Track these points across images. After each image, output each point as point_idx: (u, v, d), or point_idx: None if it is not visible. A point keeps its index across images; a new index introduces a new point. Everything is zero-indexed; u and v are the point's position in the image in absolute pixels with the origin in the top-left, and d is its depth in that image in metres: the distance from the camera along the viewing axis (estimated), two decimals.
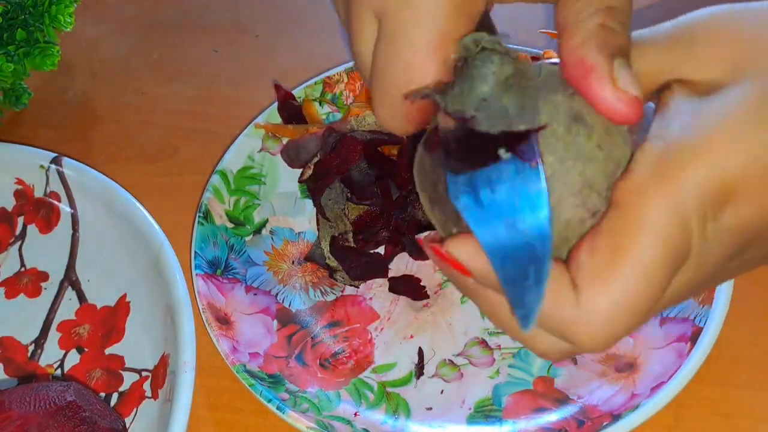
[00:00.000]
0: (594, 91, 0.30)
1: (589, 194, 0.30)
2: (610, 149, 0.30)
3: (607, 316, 0.29)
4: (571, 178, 0.30)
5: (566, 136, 0.30)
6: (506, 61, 0.31)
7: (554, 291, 0.29)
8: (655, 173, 0.29)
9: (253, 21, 0.71)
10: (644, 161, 0.29)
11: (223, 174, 0.56)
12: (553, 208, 0.29)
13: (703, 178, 0.28)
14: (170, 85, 0.67)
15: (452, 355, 0.50)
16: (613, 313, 0.29)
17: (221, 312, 0.50)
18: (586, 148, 0.30)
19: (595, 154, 0.30)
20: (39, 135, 0.63)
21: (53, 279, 0.54)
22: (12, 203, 0.57)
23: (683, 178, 0.28)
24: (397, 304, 0.52)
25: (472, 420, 0.47)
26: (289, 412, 0.45)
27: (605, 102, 0.30)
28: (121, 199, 0.54)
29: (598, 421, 0.45)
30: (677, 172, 0.28)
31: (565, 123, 0.30)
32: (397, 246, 0.53)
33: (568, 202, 0.30)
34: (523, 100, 0.30)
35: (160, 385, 0.47)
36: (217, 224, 0.54)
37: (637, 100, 0.30)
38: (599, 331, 0.29)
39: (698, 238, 0.29)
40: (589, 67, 0.30)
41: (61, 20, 0.59)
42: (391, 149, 0.55)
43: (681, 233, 0.29)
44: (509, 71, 0.31)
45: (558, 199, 0.30)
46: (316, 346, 0.50)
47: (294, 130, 0.57)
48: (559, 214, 0.30)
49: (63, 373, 0.51)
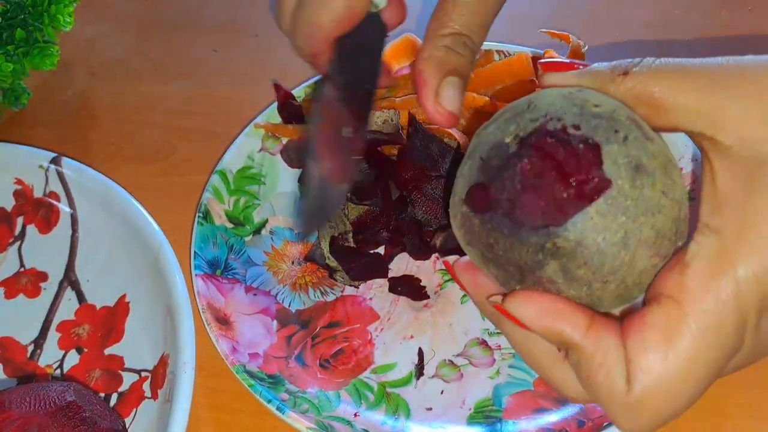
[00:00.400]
0: (421, 100, 0.38)
1: (662, 242, 0.30)
2: (672, 191, 0.30)
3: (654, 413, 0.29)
4: (645, 233, 0.30)
5: (633, 191, 0.30)
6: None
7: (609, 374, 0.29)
8: (712, 271, 0.29)
9: (252, 21, 0.71)
10: (701, 257, 0.29)
11: (223, 174, 0.56)
12: (629, 262, 0.30)
13: (762, 273, 0.28)
14: (170, 85, 0.67)
15: (452, 356, 0.50)
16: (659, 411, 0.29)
17: (221, 312, 0.50)
18: (653, 200, 0.30)
19: (662, 203, 0.30)
20: (38, 135, 0.63)
21: (52, 279, 0.54)
22: (11, 203, 0.57)
23: (741, 276, 0.28)
24: (397, 305, 0.52)
25: (472, 420, 0.47)
26: (288, 412, 0.45)
27: (427, 111, 0.38)
28: (121, 199, 0.54)
29: (598, 422, 0.45)
30: (735, 270, 0.28)
31: (629, 178, 0.30)
32: (397, 246, 0.53)
33: (644, 255, 0.30)
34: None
35: (159, 386, 0.47)
36: (216, 224, 0.54)
37: (451, 115, 0.37)
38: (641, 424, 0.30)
39: (752, 333, 0.29)
40: (423, 80, 0.38)
41: (60, 20, 0.59)
42: (391, 149, 0.55)
43: (736, 331, 0.29)
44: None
45: (633, 255, 0.30)
46: (315, 347, 0.50)
47: (294, 130, 0.57)
48: (634, 267, 0.30)
49: (62, 374, 0.51)
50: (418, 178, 0.52)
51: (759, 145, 0.29)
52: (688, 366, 0.29)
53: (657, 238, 0.30)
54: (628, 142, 0.30)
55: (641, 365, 0.29)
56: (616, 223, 0.29)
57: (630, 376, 0.29)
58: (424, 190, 0.52)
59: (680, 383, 0.29)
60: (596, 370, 0.30)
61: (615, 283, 0.30)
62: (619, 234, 0.29)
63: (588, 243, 0.30)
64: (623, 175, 0.30)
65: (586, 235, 0.29)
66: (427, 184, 0.52)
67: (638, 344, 0.29)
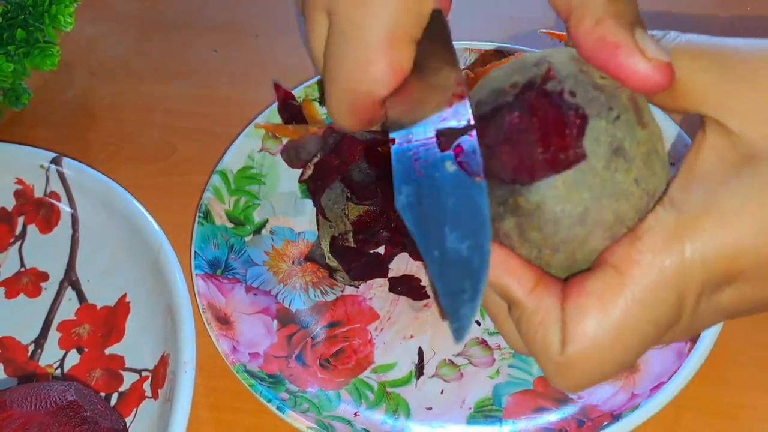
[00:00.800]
0: (626, 67, 0.29)
1: (620, 228, 0.30)
2: (646, 182, 0.30)
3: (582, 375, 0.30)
4: (605, 215, 0.30)
5: (605, 172, 0.30)
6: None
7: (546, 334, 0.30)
8: (663, 247, 0.29)
9: (253, 21, 0.71)
10: (654, 231, 0.29)
11: (223, 174, 0.56)
12: (582, 239, 0.30)
13: (712, 260, 0.28)
14: (170, 85, 0.67)
15: (452, 355, 0.50)
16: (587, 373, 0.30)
17: (221, 312, 0.50)
18: (623, 185, 0.30)
19: (631, 191, 0.30)
20: (39, 135, 0.63)
21: (53, 279, 0.54)
22: (12, 203, 0.57)
23: (690, 258, 0.28)
24: (397, 304, 0.52)
25: (472, 420, 0.47)
26: (289, 412, 0.45)
27: (639, 75, 0.29)
28: (121, 198, 0.54)
29: (598, 421, 0.45)
30: (683, 249, 0.28)
31: (606, 158, 0.30)
32: (397, 246, 0.53)
33: (598, 236, 0.30)
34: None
35: (160, 385, 0.47)
36: (217, 224, 0.54)
37: (669, 66, 0.29)
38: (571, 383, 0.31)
39: (689, 313, 0.29)
40: (613, 44, 0.29)
41: (60, 20, 0.59)
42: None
43: (671, 311, 0.29)
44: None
45: (588, 233, 0.30)
46: (316, 346, 0.50)
47: (294, 130, 0.57)
48: (586, 244, 0.30)
49: (63, 373, 0.51)
50: None
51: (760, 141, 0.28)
52: (618, 334, 0.29)
53: (615, 224, 0.30)
54: (617, 123, 0.30)
55: (575, 330, 0.29)
56: (578, 198, 0.30)
57: (564, 338, 0.30)
58: None
59: (609, 350, 0.29)
60: (535, 329, 0.30)
61: (564, 253, 0.31)
62: (578, 209, 0.30)
63: (546, 209, 0.30)
64: (600, 154, 0.30)
65: (547, 201, 0.30)
66: None
67: (575, 309, 0.29)
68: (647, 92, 0.30)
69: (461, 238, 0.29)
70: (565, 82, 0.30)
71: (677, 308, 0.29)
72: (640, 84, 0.29)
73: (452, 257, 0.29)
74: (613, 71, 0.30)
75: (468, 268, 0.29)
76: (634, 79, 0.29)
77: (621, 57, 0.29)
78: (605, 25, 0.29)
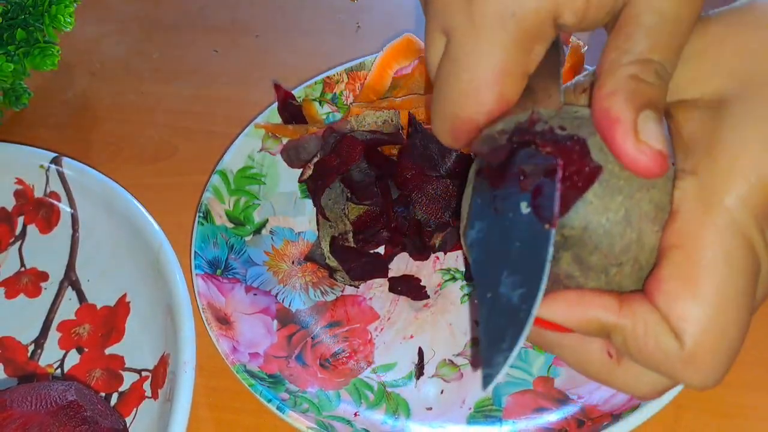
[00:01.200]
0: (617, 143, 0.30)
1: (663, 216, 0.31)
2: None
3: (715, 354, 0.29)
4: (644, 207, 0.30)
5: (623, 171, 0.30)
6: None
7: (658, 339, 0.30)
8: (701, 208, 0.29)
9: (253, 21, 0.71)
10: (686, 199, 0.30)
11: (223, 174, 0.56)
12: (637, 240, 0.30)
13: (746, 194, 0.29)
14: (170, 85, 0.67)
15: (452, 355, 0.50)
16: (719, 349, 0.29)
17: (221, 312, 0.50)
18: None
19: (654, 179, 0.30)
20: (39, 135, 0.63)
21: (53, 279, 0.54)
22: (12, 203, 0.57)
23: (729, 203, 0.29)
24: (397, 304, 0.52)
25: (472, 420, 0.47)
26: (289, 412, 0.45)
27: (627, 155, 0.30)
28: (121, 199, 0.54)
29: (598, 421, 0.45)
30: (721, 200, 0.29)
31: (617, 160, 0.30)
32: (397, 246, 0.53)
33: (648, 230, 0.31)
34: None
35: (160, 385, 0.47)
36: (217, 224, 0.54)
37: (660, 154, 0.29)
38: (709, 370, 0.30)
39: (764, 248, 0.30)
40: (613, 118, 0.30)
41: (61, 20, 0.59)
42: (391, 149, 0.55)
43: (746, 253, 0.29)
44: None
45: (639, 231, 0.30)
46: (316, 346, 0.50)
47: (294, 130, 0.57)
48: (643, 244, 0.31)
49: (63, 373, 0.51)
50: (418, 178, 0.52)
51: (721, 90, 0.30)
52: (718, 299, 0.29)
53: (657, 212, 0.31)
54: None
55: (679, 318, 0.29)
56: (615, 203, 0.30)
57: (675, 331, 0.29)
58: (424, 190, 0.52)
59: (722, 317, 0.29)
60: (644, 342, 0.30)
61: (629, 264, 0.31)
62: (620, 213, 0.30)
63: (593, 226, 0.30)
64: (611, 159, 0.30)
65: (590, 219, 0.30)
66: (427, 184, 0.52)
67: (666, 302, 0.29)
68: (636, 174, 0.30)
69: (515, 285, 0.29)
70: (551, 121, 0.32)
71: (749, 249, 0.29)
72: (630, 164, 0.30)
73: (502, 303, 0.29)
74: (608, 143, 0.30)
75: (514, 317, 0.29)
76: (624, 157, 0.30)
77: (617, 133, 0.30)
78: (615, 98, 0.30)
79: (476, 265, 0.30)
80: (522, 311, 0.28)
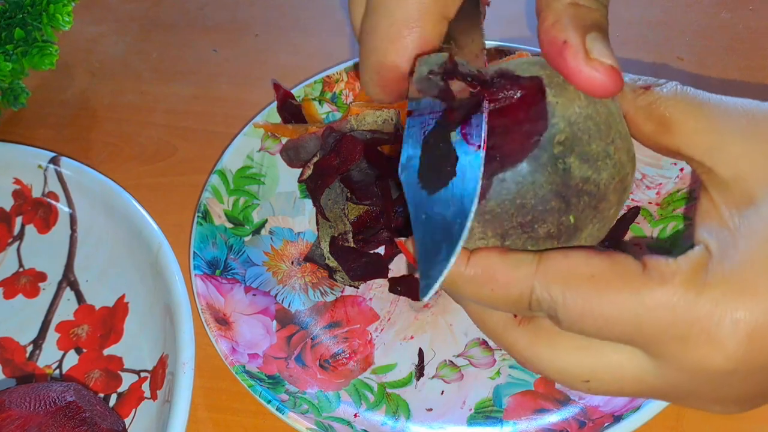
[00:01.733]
0: (569, 66, 0.30)
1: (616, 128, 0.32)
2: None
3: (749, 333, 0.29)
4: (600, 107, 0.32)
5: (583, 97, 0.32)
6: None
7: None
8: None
9: (252, 21, 0.70)
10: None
11: (222, 174, 0.56)
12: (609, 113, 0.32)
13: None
14: (170, 84, 0.66)
15: (453, 356, 0.50)
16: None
17: (220, 313, 0.50)
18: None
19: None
20: (37, 135, 0.63)
21: (51, 279, 0.54)
22: (10, 203, 0.57)
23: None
24: (397, 305, 0.52)
25: (472, 421, 0.47)
26: (288, 413, 0.45)
27: (582, 75, 0.30)
28: (120, 199, 0.53)
29: (599, 422, 0.45)
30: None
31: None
32: (397, 246, 0.53)
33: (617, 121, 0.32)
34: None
35: (159, 386, 0.47)
36: (216, 224, 0.54)
37: (613, 70, 0.30)
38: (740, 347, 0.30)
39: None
40: (561, 43, 0.30)
41: (59, 19, 0.59)
42: (391, 149, 0.55)
43: None
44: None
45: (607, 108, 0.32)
46: (315, 347, 0.50)
47: (293, 129, 0.57)
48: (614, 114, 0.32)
49: (61, 374, 0.50)
50: None
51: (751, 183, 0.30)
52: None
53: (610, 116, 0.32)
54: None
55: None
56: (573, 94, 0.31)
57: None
58: None
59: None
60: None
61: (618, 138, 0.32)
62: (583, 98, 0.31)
63: (574, 117, 0.31)
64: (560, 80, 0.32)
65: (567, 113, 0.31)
66: None
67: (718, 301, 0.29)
68: (594, 95, 0.31)
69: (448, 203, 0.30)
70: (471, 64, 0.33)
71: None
72: (585, 85, 0.30)
73: (437, 221, 0.30)
74: (562, 71, 0.31)
75: (448, 232, 0.29)
76: (579, 79, 0.30)
77: (568, 57, 0.30)
78: (559, 24, 0.31)
79: (408, 188, 0.31)
80: (456, 225, 0.29)
